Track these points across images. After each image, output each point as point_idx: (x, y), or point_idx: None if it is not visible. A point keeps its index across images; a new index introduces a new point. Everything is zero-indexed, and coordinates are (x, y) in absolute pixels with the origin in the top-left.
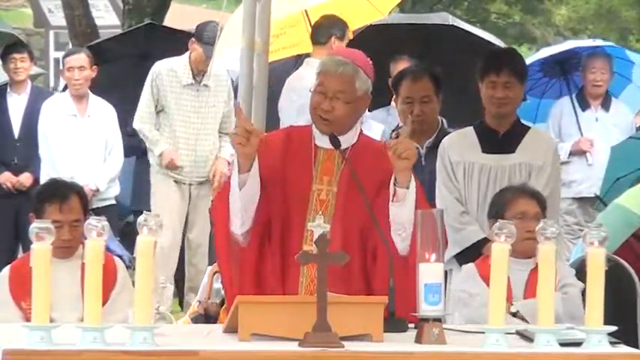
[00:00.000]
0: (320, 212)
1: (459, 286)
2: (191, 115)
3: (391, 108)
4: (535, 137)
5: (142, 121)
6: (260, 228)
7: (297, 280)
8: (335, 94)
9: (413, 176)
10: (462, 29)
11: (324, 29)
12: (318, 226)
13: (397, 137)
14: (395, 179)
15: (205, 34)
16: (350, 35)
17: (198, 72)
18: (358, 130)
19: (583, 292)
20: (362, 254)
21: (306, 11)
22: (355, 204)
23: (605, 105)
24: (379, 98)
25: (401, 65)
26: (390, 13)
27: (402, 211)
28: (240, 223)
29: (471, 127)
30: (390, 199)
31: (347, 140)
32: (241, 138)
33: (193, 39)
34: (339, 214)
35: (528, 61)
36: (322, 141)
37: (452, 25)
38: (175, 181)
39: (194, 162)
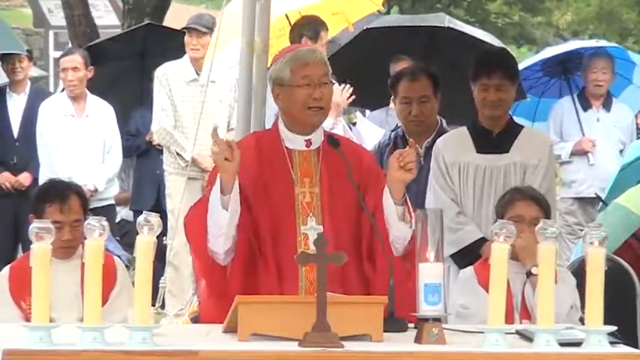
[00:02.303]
0: (310, 214)
1: (459, 298)
2: (198, 110)
3: (390, 109)
4: (529, 136)
5: (164, 121)
6: (245, 236)
7: (296, 284)
8: (320, 79)
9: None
10: (458, 30)
11: (297, 29)
12: (311, 228)
13: (394, 145)
14: (390, 192)
15: (188, 23)
16: (350, 28)
17: (199, 67)
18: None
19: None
20: (356, 254)
21: (287, 15)
22: (341, 203)
23: (607, 105)
24: (379, 99)
25: (401, 66)
26: (386, 6)
27: (404, 229)
28: (223, 242)
29: (465, 128)
30: (390, 213)
31: (319, 137)
32: (228, 153)
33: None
34: (328, 215)
35: (530, 61)
36: (293, 142)
37: (447, 27)
38: (190, 178)
39: None
